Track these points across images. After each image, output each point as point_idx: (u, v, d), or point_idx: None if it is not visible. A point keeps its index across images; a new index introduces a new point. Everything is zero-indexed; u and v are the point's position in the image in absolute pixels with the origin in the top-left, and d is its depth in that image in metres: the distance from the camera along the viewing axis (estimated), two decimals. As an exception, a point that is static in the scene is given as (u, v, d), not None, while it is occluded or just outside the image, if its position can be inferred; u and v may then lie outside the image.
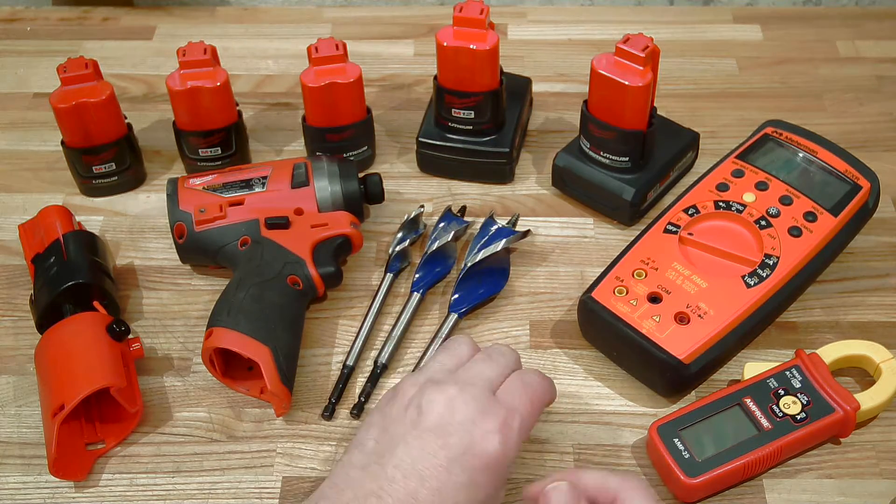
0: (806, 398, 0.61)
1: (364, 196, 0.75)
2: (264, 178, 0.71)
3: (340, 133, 0.79)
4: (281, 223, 0.69)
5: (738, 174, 0.72)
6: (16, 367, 0.69)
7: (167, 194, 0.71)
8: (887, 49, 0.95)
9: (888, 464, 0.62)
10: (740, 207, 0.70)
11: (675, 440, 0.60)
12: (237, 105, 0.80)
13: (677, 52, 0.95)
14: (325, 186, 0.72)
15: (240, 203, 0.70)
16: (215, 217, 0.69)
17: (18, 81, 0.94)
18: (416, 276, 0.72)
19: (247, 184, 0.71)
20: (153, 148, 0.85)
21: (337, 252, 0.70)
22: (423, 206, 0.77)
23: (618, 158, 0.75)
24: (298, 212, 0.70)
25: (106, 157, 0.79)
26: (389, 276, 0.73)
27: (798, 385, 0.62)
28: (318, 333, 0.70)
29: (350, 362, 0.68)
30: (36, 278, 0.69)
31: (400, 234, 0.75)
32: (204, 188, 0.71)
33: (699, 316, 0.64)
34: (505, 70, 0.79)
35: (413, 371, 0.67)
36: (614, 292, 0.66)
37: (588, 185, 0.77)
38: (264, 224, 0.69)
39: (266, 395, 0.63)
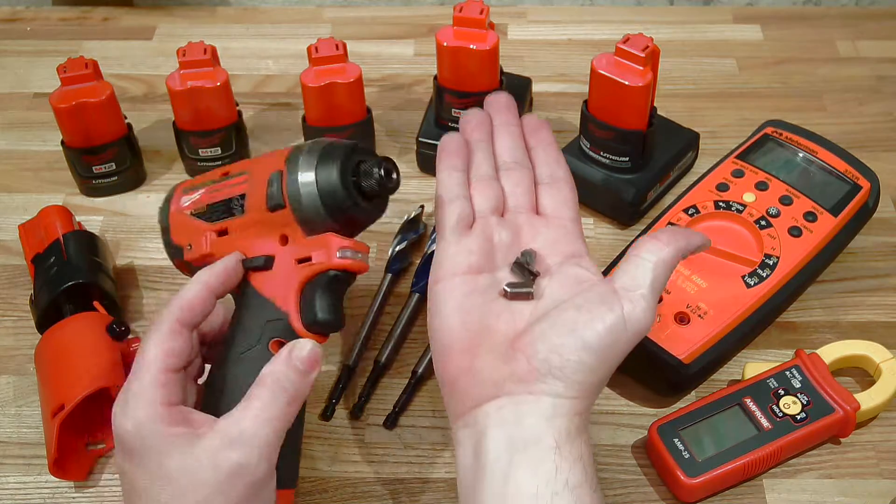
0: (806, 398, 0.61)
1: (358, 191, 0.53)
2: (242, 198, 0.55)
3: (340, 133, 0.79)
4: (258, 265, 0.54)
5: (738, 174, 0.72)
6: (16, 367, 0.69)
7: (162, 226, 0.61)
8: (887, 49, 0.95)
9: (888, 464, 0.62)
10: (740, 207, 0.70)
11: (675, 440, 0.60)
12: (237, 105, 0.80)
13: (677, 52, 0.95)
14: (296, 190, 0.53)
15: (225, 232, 0.57)
16: (202, 255, 0.57)
17: (18, 81, 0.94)
18: (416, 276, 0.72)
19: (227, 207, 0.56)
20: (153, 148, 0.85)
21: (330, 291, 0.53)
22: (423, 206, 0.77)
23: (618, 158, 0.75)
24: (283, 240, 0.54)
25: (106, 157, 0.79)
26: (389, 276, 0.73)
27: (798, 385, 0.62)
28: (318, 333, 0.70)
29: (350, 362, 0.68)
30: (36, 278, 0.69)
31: (400, 234, 0.75)
32: (192, 213, 0.59)
33: (699, 316, 0.64)
34: (505, 70, 0.79)
35: None
36: (614, 292, 0.66)
37: (588, 185, 0.77)
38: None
39: None
